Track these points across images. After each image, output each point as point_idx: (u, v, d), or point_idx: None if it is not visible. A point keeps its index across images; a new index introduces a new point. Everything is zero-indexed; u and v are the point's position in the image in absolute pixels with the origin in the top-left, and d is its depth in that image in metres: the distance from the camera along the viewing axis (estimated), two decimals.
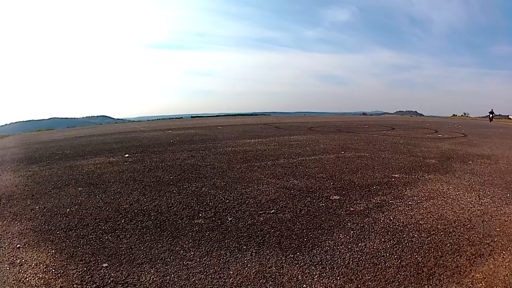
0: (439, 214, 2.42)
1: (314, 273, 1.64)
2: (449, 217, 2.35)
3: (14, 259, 1.78)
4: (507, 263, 1.74)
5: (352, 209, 2.51)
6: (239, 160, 4.31)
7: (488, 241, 1.99)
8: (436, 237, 2.03)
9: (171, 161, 4.29)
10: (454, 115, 29.01)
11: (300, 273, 1.64)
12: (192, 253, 1.84)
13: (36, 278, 1.59)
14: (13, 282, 1.57)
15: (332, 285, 1.55)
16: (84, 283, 1.55)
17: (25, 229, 2.18)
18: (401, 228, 2.17)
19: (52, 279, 1.58)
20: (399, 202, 2.66)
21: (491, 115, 20.36)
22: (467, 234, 2.08)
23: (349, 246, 1.91)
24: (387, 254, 1.82)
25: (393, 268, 1.68)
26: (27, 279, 1.59)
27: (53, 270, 1.66)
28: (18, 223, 2.28)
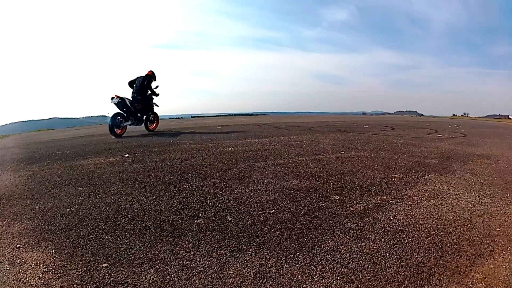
0: (439, 214, 2.42)
1: (314, 273, 1.64)
2: (449, 217, 2.36)
3: (14, 259, 1.78)
4: (507, 263, 1.74)
5: (352, 209, 2.51)
6: (239, 160, 4.31)
7: (488, 241, 1.99)
8: (436, 237, 2.03)
9: (171, 161, 4.29)
10: (454, 115, 29.02)
11: (300, 273, 1.64)
12: (192, 253, 1.84)
13: (36, 278, 1.59)
14: (13, 282, 1.57)
15: (332, 285, 1.55)
16: (84, 283, 1.55)
17: (25, 229, 2.18)
18: (401, 228, 2.17)
19: (52, 279, 1.59)
20: (399, 202, 2.66)
21: None
22: (467, 234, 2.08)
23: (349, 246, 1.91)
24: (387, 254, 1.82)
25: (393, 268, 1.68)
26: (27, 279, 1.59)
27: (53, 270, 1.66)
28: (18, 223, 2.28)
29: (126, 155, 4.74)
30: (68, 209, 2.52)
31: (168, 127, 9.12)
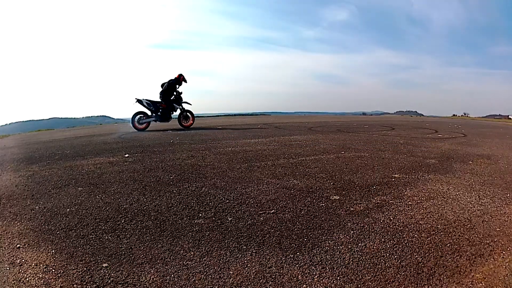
0: (439, 214, 2.42)
1: (314, 273, 1.64)
2: (449, 217, 2.36)
3: (14, 259, 1.78)
4: (507, 263, 1.74)
5: (352, 209, 2.51)
6: (239, 160, 4.31)
7: (488, 241, 1.99)
8: (436, 237, 2.03)
9: (171, 161, 4.29)
10: (454, 115, 28.96)
11: (300, 273, 1.64)
12: (192, 253, 1.84)
13: (36, 278, 1.59)
14: (13, 282, 1.57)
15: (332, 285, 1.55)
16: (84, 283, 1.55)
17: (25, 229, 2.18)
18: (401, 228, 2.17)
19: (52, 279, 1.59)
20: (399, 202, 2.66)
21: None
22: (467, 234, 2.08)
23: (349, 246, 1.91)
24: (387, 254, 1.82)
25: (393, 268, 1.68)
26: (27, 279, 1.59)
27: (53, 270, 1.66)
28: (18, 223, 2.28)
29: (126, 155, 4.74)
30: (68, 209, 2.52)
31: (168, 127, 9.12)
